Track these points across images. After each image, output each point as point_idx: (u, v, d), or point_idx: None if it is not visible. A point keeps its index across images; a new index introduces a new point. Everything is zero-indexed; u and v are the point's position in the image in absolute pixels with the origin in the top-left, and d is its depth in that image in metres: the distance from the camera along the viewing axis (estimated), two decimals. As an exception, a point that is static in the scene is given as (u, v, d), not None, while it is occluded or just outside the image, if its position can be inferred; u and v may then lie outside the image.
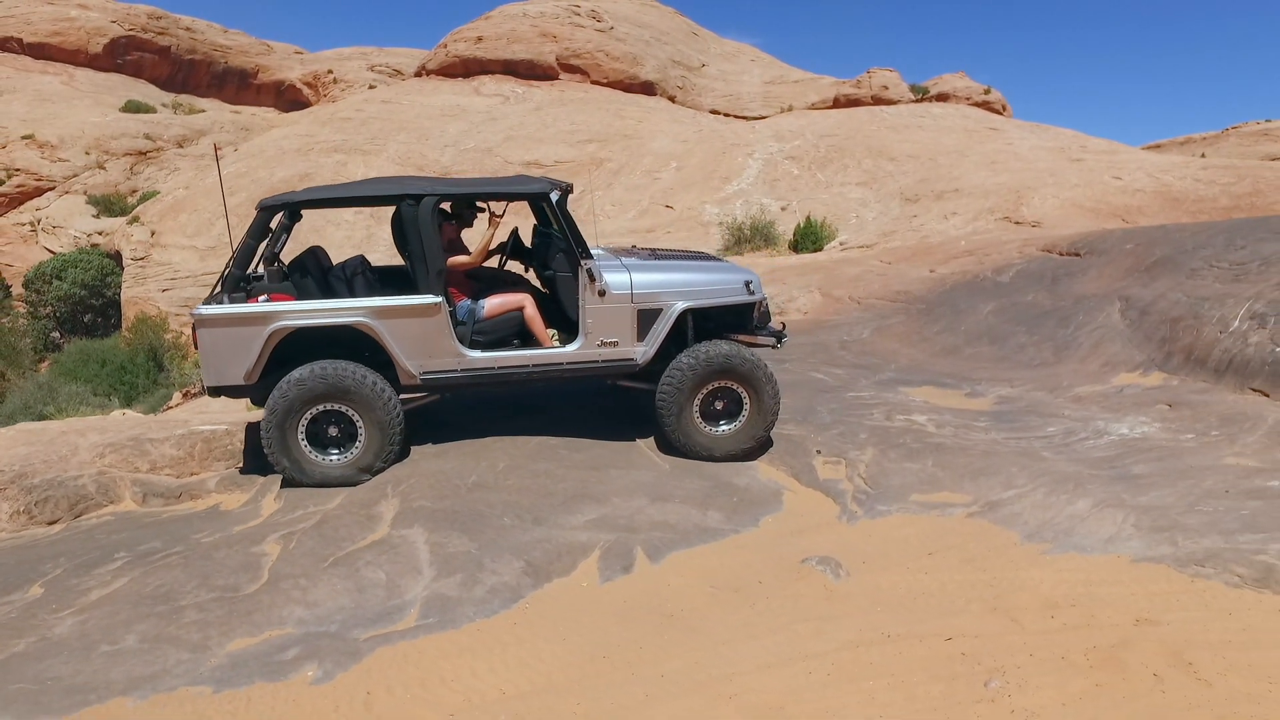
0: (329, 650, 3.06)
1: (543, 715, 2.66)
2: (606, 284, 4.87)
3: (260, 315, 4.55)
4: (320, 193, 5.23)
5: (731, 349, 4.93)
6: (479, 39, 38.77)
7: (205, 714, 2.70)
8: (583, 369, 4.98)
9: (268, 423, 4.53)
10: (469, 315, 4.98)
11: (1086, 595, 3.59)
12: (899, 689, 2.74)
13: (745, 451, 5.10)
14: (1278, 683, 2.81)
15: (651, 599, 3.48)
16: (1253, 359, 6.89)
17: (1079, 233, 13.17)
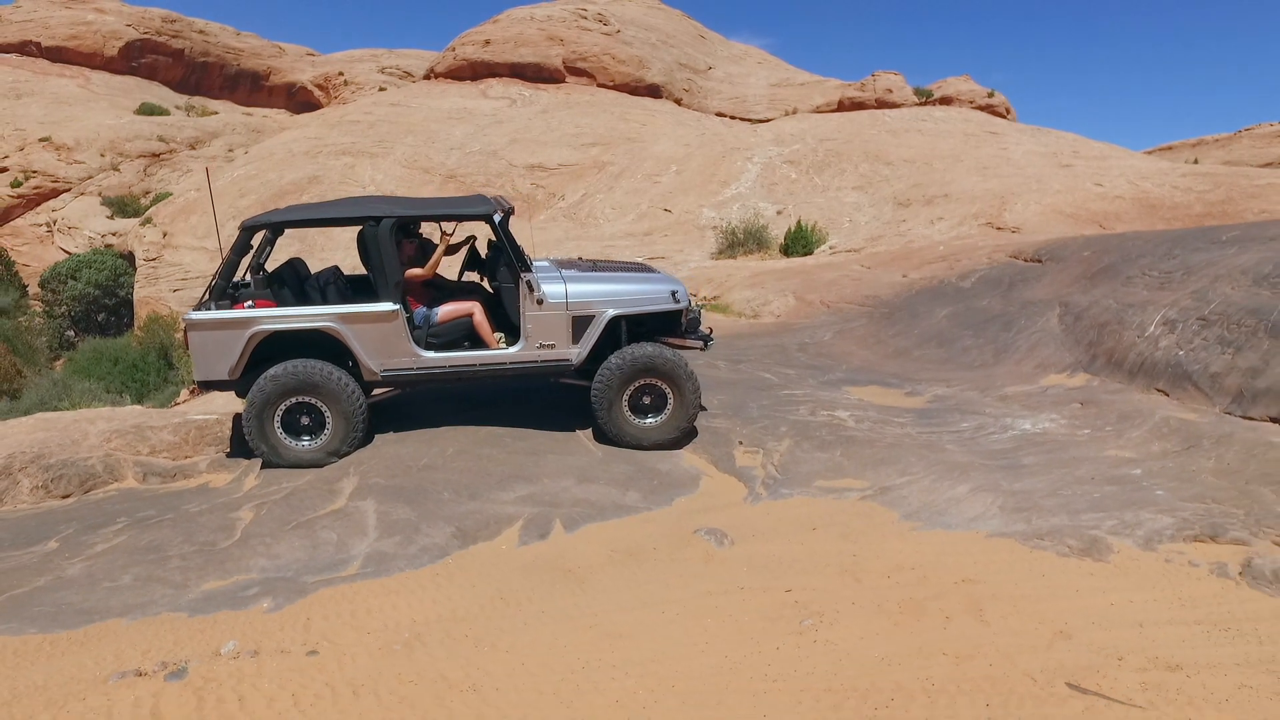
0: (282, 589, 3.75)
1: (438, 634, 3.33)
2: (544, 293, 5.55)
3: (242, 320, 5.26)
4: (293, 213, 5.91)
5: (655, 350, 5.58)
6: (487, 42, 39.52)
7: (180, 631, 3.41)
8: (524, 368, 5.65)
9: (248, 413, 5.25)
10: (424, 320, 5.71)
11: (931, 562, 4.21)
12: (730, 624, 3.37)
13: (671, 441, 5.76)
14: (1046, 623, 3.43)
15: (556, 560, 4.14)
16: (1159, 362, 7.45)
17: (1045, 240, 13.68)
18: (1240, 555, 4.33)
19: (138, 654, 3.20)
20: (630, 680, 2.99)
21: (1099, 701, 2.87)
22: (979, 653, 3.18)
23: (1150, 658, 3.21)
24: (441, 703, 2.85)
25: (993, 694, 2.89)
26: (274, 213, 5.79)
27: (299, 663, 3.12)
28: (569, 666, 3.10)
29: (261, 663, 3.11)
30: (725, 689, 2.91)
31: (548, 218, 25.99)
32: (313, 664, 3.11)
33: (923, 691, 2.94)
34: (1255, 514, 4.67)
